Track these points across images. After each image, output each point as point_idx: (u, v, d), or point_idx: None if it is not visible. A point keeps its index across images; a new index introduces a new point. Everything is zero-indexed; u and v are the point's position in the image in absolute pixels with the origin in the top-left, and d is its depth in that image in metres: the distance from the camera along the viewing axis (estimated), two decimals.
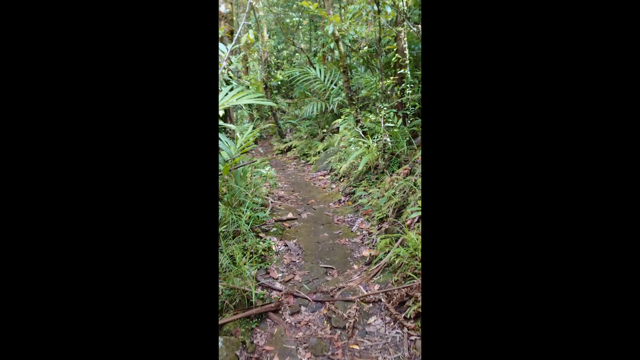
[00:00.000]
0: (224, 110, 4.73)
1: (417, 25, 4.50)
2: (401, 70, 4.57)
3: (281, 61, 11.14)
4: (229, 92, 3.83)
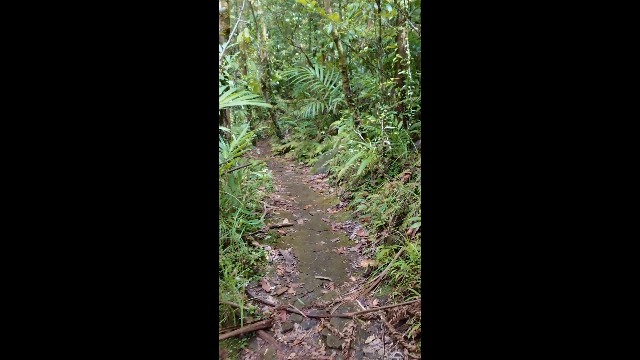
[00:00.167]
0: (219, 111, 4.57)
1: (419, 25, 4.36)
2: (402, 71, 4.42)
3: (280, 61, 10.99)
4: (224, 93, 3.69)
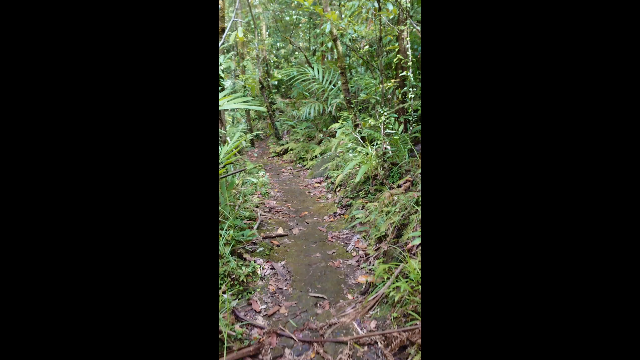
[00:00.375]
0: None
1: (421, 24, 4.19)
2: (403, 72, 4.25)
3: (279, 60, 10.81)
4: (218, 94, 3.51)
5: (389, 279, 2.42)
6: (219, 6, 4.99)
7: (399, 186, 3.68)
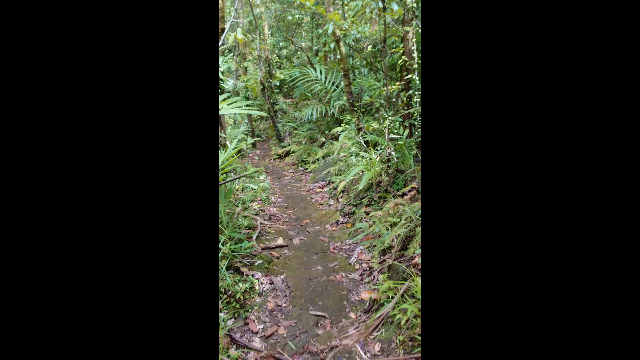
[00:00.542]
0: None
1: None
2: (408, 74, 4.10)
3: (282, 60, 10.67)
4: None
5: (394, 296, 2.28)
6: (219, 6, 4.85)
7: (404, 194, 3.54)
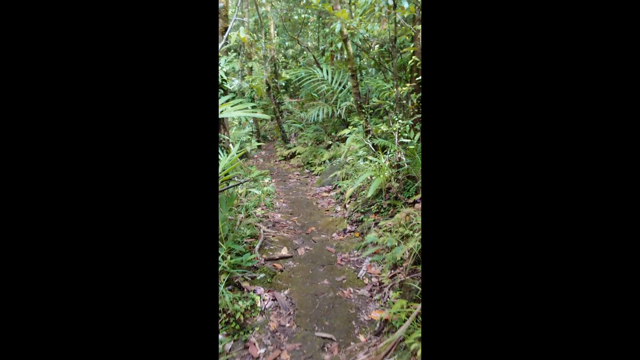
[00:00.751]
0: None
1: None
2: (419, 76, 3.91)
3: (287, 60, 10.50)
4: (219, 99, 3.22)
5: (407, 318, 2.10)
6: (222, 4, 4.68)
7: (415, 202, 3.35)
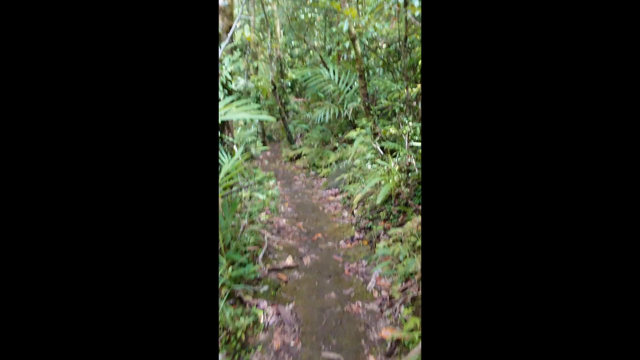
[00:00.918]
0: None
1: None
2: None
3: (294, 59, 10.36)
4: (222, 100, 3.10)
5: (420, 338, 1.95)
6: (227, 2, 4.54)
7: None
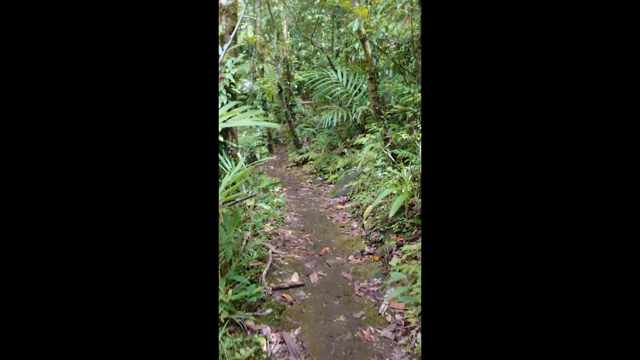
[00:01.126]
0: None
1: None
2: None
3: (300, 61, 10.19)
4: (224, 106, 2.91)
5: None
6: (230, 2, 4.35)
7: None
